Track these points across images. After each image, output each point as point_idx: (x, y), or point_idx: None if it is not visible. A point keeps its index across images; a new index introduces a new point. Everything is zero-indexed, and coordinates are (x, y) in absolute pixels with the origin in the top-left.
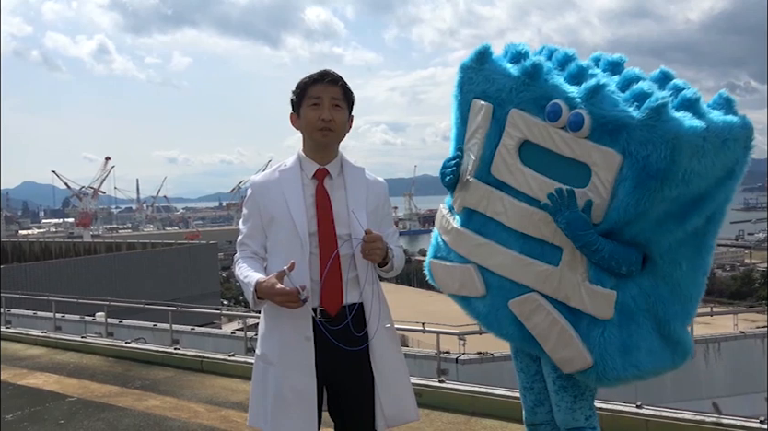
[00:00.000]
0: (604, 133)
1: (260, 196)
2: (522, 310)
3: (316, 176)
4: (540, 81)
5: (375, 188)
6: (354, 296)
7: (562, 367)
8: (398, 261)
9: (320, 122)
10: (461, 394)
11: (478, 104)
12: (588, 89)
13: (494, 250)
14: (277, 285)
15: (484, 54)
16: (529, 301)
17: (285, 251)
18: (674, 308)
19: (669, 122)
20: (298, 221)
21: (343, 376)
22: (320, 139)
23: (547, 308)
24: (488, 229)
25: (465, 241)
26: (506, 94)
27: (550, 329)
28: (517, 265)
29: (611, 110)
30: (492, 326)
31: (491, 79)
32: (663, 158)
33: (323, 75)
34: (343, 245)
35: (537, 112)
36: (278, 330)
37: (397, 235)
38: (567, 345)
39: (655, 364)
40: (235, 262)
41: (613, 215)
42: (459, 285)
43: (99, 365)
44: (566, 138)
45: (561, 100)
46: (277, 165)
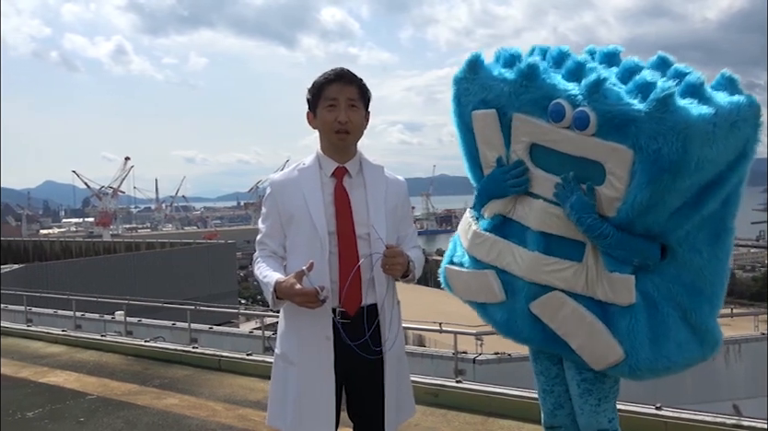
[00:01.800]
0: (612, 128)
1: (279, 195)
2: (545, 310)
3: (335, 174)
4: (538, 81)
5: (394, 187)
6: (372, 297)
7: (593, 364)
8: (418, 268)
9: (337, 125)
10: (478, 394)
11: (479, 115)
12: (590, 85)
13: (512, 250)
14: (296, 286)
15: (476, 63)
16: (552, 300)
17: (305, 250)
18: (699, 296)
19: (678, 113)
20: (317, 220)
21: (359, 377)
22: (338, 141)
23: (572, 304)
24: (508, 230)
25: (483, 243)
26: (505, 99)
27: (577, 325)
28: (537, 264)
29: (617, 105)
30: (511, 332)
31: (487, 86)
32: (675, 151)
33: (339, 75)
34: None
35: (540, 114)
36: (298, 329)
37: (415, 235)
38: (597, 340)
39: (685, 355)
40: (254, 260)
41: (626, 208)
42: (477, 292)
43: (119, 363)
44: (573, 138)
45: (562, 99)
46: (296, 164)
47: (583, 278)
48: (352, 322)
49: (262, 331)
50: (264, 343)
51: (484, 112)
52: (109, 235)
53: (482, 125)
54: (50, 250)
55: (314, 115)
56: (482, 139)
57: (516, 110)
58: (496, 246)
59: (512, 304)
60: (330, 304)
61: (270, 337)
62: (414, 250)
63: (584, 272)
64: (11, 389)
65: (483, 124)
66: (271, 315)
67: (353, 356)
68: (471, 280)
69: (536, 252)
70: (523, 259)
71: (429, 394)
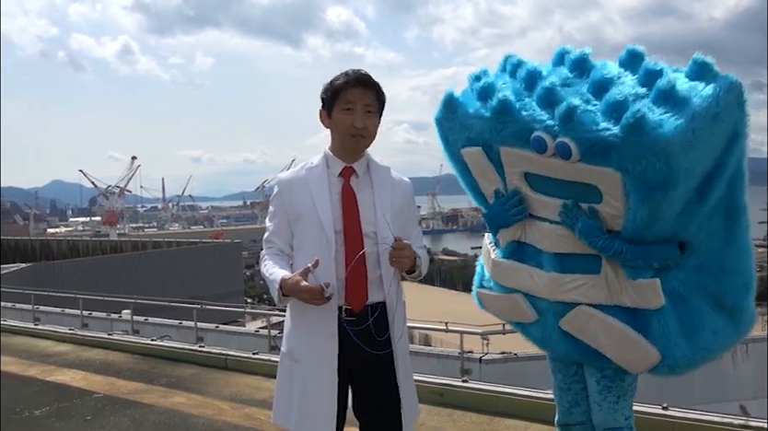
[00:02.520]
0: (595, 154)
1: (286, 193)
2: (574, 326)
3: (342, 174)
4: (513, 115)
5: (400, 187)
6: (378, 295)
7: (631, 370)
8: (424, 266)
9: (353, 129)
10: (485, 394)
11: (468, 153)
12: (562, 116)
13: (530, 274)
14: (302, 283)
15: (451, 102)
16: (579, 314)
17: (311, 249)
18: (727, 277)
19: (653, 132)
20: (324, 219)
21: (366, 375)
22: (353, 145)
23: (599, 315)
24: (524, 253)
25: (504, 271)
26: (487, 135)
27: (609, 336)
28: (556, 284)
29: (593, 132)
30: (549, 348)
31: (467, 125)
32: (660, 170)
33: (359, 80)
34: (368, 246)
35: (524, 144)
36: (303, 327)
37: (421, 235)
38: (630, 347)
39: (723, 341)
40: (261, 258)
41: (629, 225)
42: (510, 313)
43: (125, 362)
44: (561, 166)
45: (541, 131)
46: (304, 163)
47: (604, 290)
48: (357, 320)
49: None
50: (270, 341)
51: (471, 150)
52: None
53: (473, 162)
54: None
55: (328, 115)
56: (477, 173)
57: (500, 143)
58: (515, 272)
59: (544, 322)
60: (335, 302)
61: (276, 336)
62: (420, 250)
63: (604, 283)
64: (18, 387)
65: (474, 161)
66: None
67: (359, 354)
68: (502, 303)
69: (552, 273)
70: (542, 280)
71: (435, 393)
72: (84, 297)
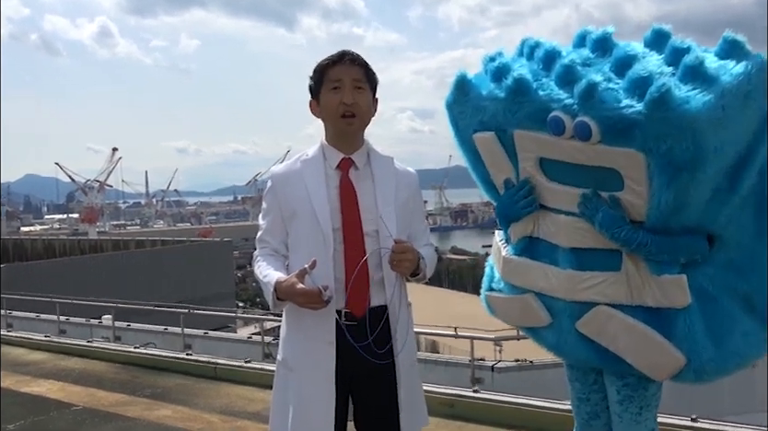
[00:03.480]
0: (617, 134)
1: (280, 188)
2: (592, 328)
3: (340, 166)
4: (530, 95)
5: (405, 179)
6: (381, 298)
7: (654, 376)
8: (429, 267)
9: (342, 107)
10: (498, 405)
11: (480, 138)
12: (582, 93)
13: (544, 272)
14: (298, 285)
15: (463, 84)
16: (597, 315)
17: (307, 248)
18: (758, 276)
19: (680, 108)
20: (321, 215)
21: (367, 384)
22: (344, 126)
23: (619, 316)
24: (536, 250)
25: (515, 269)
26: (501, 118)
27: (628, 338)
28: (572, 282)
29: (615, 110)
30: (565, 354)
31: (481, 108)
32: (687, 149)
33: (342, 55)
34: (370, 246)
35: (540, 127)
36: (300, 333)
37: (428, 231)
38: (653, 349)
39: (753, 346)
40: (254, 259)
41: (654, 212)
42: (522, 317)
43: (106, 371)
44: (580, 148)
45: (559, 111)
46: (299, 155)
47: (624, 288)
48: (358, 325)
49: (262, 336)
50: (264, 349)
51: (484, 136)
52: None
53: (485, 148)
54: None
55: (317, 102)
56: (489, 162)
57: (515, 126)
58: (527, 269)
59: (558, 325)
60: (334, 306)
61: (270, 343)
62: (426, 247)
63: (624, 281)
64: None
65: (486, 147)
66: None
67: (359, 362)
68: (512, 306)
69: (569, 270)
70: (558, 278)
71: (444, 405)
72: (61, 301)
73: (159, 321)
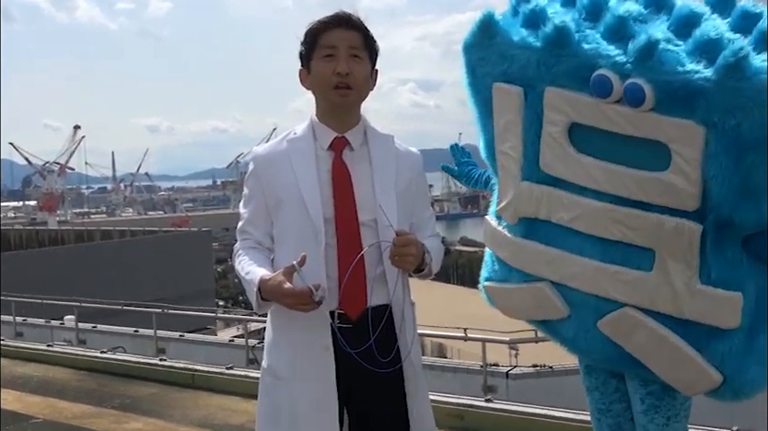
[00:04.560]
0: (675, 102)
1: (263, 172)
2: (617, 330)
3: (333, 147)
4: (571, 48)
5: (407, 161)
6: (381, 296)
7: (684, 391)
8: (435, 261)
9: (336, 78)
10: (513, 416)
11: (502, 89)
12: (640, 50)
13: (568, 262)
14: (285, 284)
15: (489, 25)
16: (623, 319)
17: (295, 241)
18: None
19: (755, 78)
20: (311, 203)
21: (366, 395)
22: (337, 99)
23: (649, 323)
24: (556, 237)
25: (530, 255)
26: (532, 71)
27: (658, 348)
28: (600, 276)
29: (678, 74)
30: (584, 351)
31: (508, 56)
32: (760, 125)
33: (337, 18)
34: (367, 238)
35: (579, 86)
36: (289, 338)
37: (433, 220)
38: (684, 365)
39: None
40: (234, 253)
41: (719, 200)
42: (534, 308)
43: (69, 379)
44: (626, 114)
45: (607, 69)
46: (285, 133)
47: (657, 293)
48: (354, 328)
49: (245, 339)
50: (248, 354)
51: (506, 88)
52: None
53: (504, 105)
54: None
55: (308, 71)
56: (501, 124)
57: (548, 83)
58: (542, 255)
59: (577, 318)
60: (327, 306)
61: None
62: (432, 239)
63: (659, 285)
64: None
65: (504, 104)
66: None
67: (356, 371)
68: (524, 297)
69: (595, 261)
70: (581, 268)
71: (453, 416)
72: (17, 300)
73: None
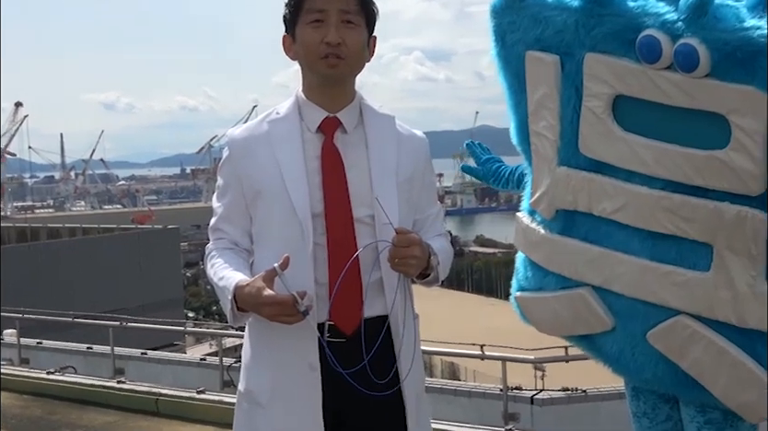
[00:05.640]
0: (733, 65)
1: (241, 159)
2: (669, 344)
3: (322, 129)
4: (615, 6)
5: (410, 146)
6: (378, 306)
7: (747, 417)
8: (444, 265)
9: (324, 48)
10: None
11: (535, 58)
12: (692, 7)
13: (613, 261)
14: (265, 292)
15: None
16: (676, 329)
17: (278, 241)
18: None
19: None
20: (296, 196)
21: (361, 421)
22: (326, 71)
23: (706, 334)
24: (599, 233)
25: (568, 255)
26: (570, 35)
27: (717, 365)
28: (649, 278)
29: (737, 32)
30: (631, 370)
31: (541, 19)
32: None
33: None
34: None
35: (624, 51)
36: (270, 356)
37: (442, 217)
38: (748, 385)
39: None
40: (207, 255)
41: None
42: (573, 321)
43: (10, 405)
44: (678, 82)
45: (655, 30)
46: (267, 113)
47: (713, 296)
48: (348, 344)
49: (220, 357)
50: (223, 375)
51: (540, 57)
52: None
53: (537, 76)
54: None
55: (293, 39)
56: (536, 99)
57: (588, 48)
58: (582, 254)
59: (623, 330)
60: (315, 318)
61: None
62: (439, 238)
63: (714, 287)
64: None
65: (538, 75)
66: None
67: (348, 395)
68: (561, 307)
69: (642, 259)
70: (628, 268)
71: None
72: None
73: (81, 338)
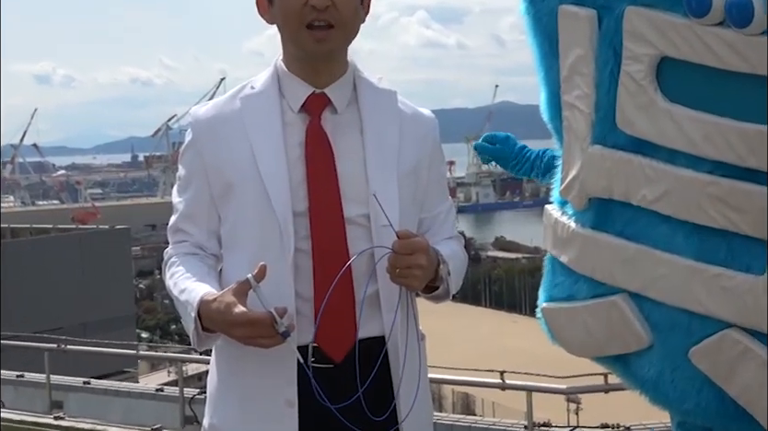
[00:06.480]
0: None
1: (206, 145)
2: (715, 363)
3: (307, 108)
4: None
5: (415, 128)
6: (375, 326)
7: None
8: (456, 275)
9: (309, 12)
10: None
11: (569, 14)
12: None
13: (652, 261)
14: (236, 308)
15: None
16: (724, 345)
17: (253, 245)
18: None
19: None
20: (275, 190)
21: None
22: (313, 47)
23: (760, 352)
24: (637, 226)
25: (601, 254)
26: None
27: None
28: (694, 281)
29: None
30: (671, 400)
31: None
32: None
33: None
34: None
35: (670, 3)
36: (240, 386)
37: (453, 215)
38: None
39: None
40: (165, 262)
41: None
42: (606, 338)
43: None
44: (731, 40)
45: None
46: (238, 87)
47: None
48: (337, 372)
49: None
50: (184, 409)
51: (575, 11)
52: None
53: (572, 34)
54: None
55: (269, 0)
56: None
57: (629, 1)
58: (627, 256)
59: (662, 347)
60: (296, 340)
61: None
62: (450, 242)
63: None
64: None
65: (572, 33)
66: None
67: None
68: (593, 320)
69: (686, 258)
70: (668, 270)
71: None
72: None
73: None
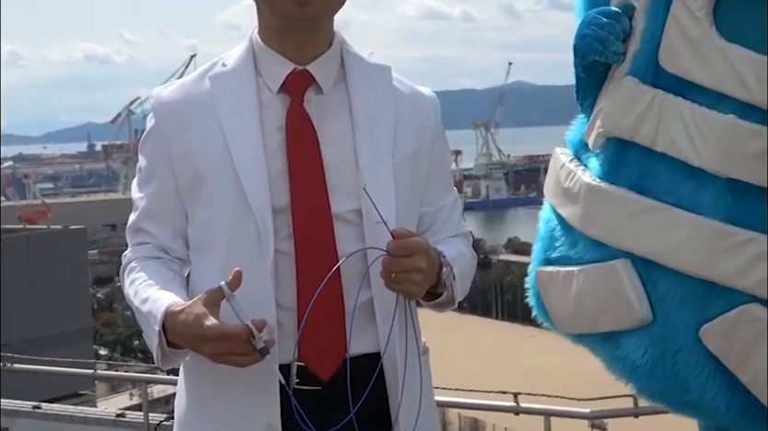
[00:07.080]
0: None
1: (172, 131)
2: (729, 344)
3: (288, 88)
4: None
5: (413, 109)
6: (367, 341)
7: None
8: (462, 280)
9: None
10: None
11: None
12: None
13: (670, 220)
14: (207, 321)
15: None
16: (742, 322)
17: (225, 248)
18: None
19: None
20: (251, 183)
21: None
22: (292, 11)
23: None
24: (657, 179)
25: (610, 208)
26: None
27: None
28: (717, 247)
29: None
30: (668, 388)
31: None
32: None
33: None
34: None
35: None
36: (213, 410)
37: (459, 210)
38: None
39: None
40: (124, 267)
41: None
42: (597, 310)
43: None
44: None
45: None
46: (209, 65)
47: None
48: (324, 393)
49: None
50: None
51: None
52: None
53: None
54: None
55: None
56: None
57: None
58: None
59: (665, 325)
60: (277, 358)
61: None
62: (456, 241)
63: None
64: None
65: None
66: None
67: None
68: (586, 288)
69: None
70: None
71: None
72: None
73: None
